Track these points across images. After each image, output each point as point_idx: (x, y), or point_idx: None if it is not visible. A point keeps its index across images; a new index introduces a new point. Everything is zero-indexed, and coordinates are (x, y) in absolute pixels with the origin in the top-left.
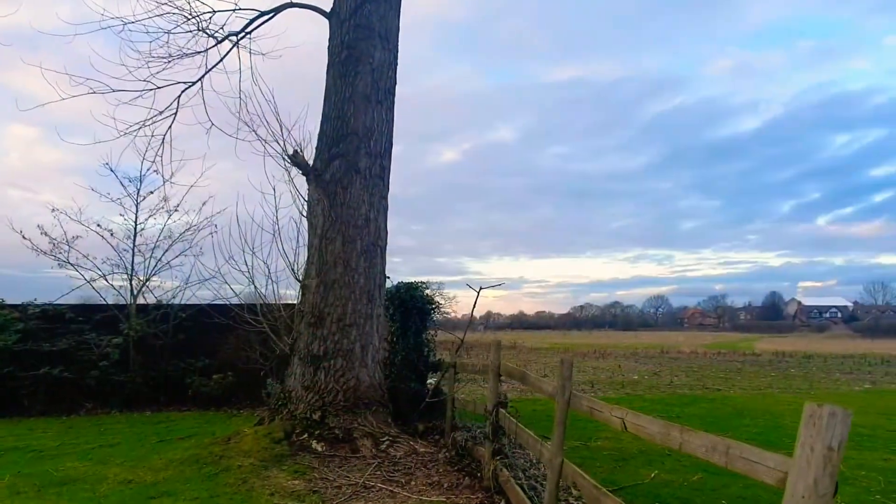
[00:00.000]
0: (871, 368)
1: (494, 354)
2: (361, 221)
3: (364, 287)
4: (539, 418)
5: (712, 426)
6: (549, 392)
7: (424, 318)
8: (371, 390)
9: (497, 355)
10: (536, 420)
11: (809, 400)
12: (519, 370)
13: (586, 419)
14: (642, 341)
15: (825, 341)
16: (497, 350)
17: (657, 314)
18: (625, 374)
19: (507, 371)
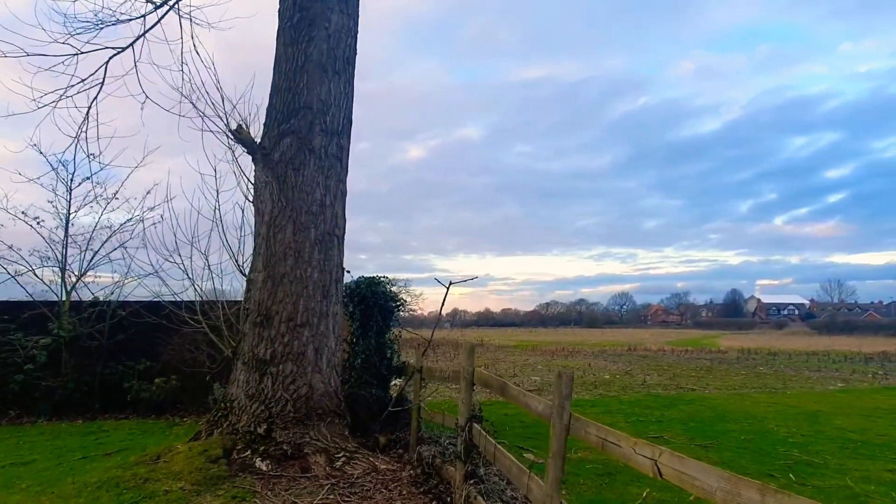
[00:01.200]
0: (837, 366)
1: (467, 359)
2: (316, 207)
3: (318, 281)
4: (511, 424)
5: (696, 432)
6: (539, 411)
7: (387, 316)
8: (325, 399)
9: (470, 361)
10: (509, 426)
11: (786, 400)
12: (498, 380)
13: None
14: (608, 339)
15: (785, 338)
16: (470, 355)
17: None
18: (596, 373)
19: (482, 380)
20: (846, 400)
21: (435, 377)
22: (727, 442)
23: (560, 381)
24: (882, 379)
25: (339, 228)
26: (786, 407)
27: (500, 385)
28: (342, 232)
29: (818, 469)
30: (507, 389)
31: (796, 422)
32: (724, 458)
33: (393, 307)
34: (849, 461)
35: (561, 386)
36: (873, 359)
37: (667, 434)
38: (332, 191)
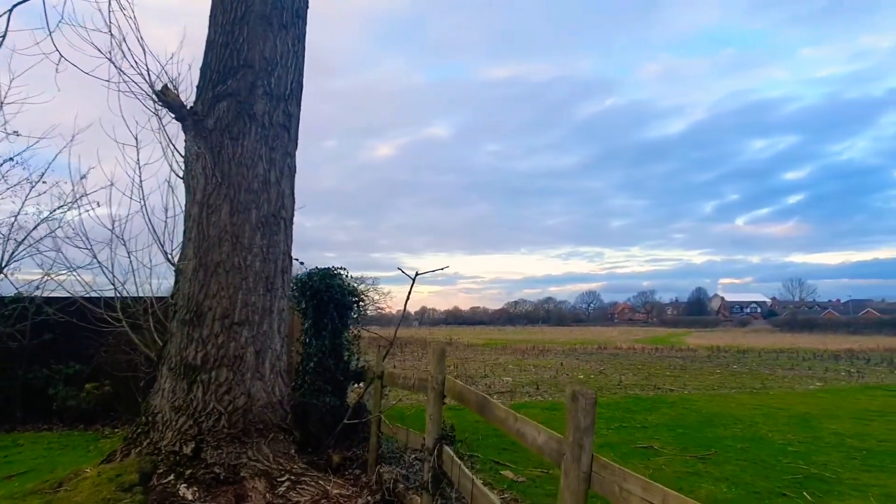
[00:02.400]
0: (808, 364)
1: (437, 365)
2: (258, 184)
3: (261, 272)
4: (484, 432)
5: (687, 439)
6: (539, 446)
7: (345, 313)
8: (268, 410)
9: (441, 367)
10: (482, 435)
11: (771, 402)
12: (476, 394)
13: None
14: (577, 337)
15: (748, 335)
16: (440, 360)
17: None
18: (569, 372)
19: (456, 393)
20: (831, 401)
21: (398, 384)
22: (723, 452)
23: (576, 407)
24: (857, 378)
25: (285, 210)
26: (773, 409)
27: (480, 401)
28: (290, 214)
29: (832, 485)
30: (490, 408)
31: (788, 426)
32: (727, 473)
33: (351, 302)
34: (862, 475)
35: (578, 414)
36: (841, 357)
37: (656, 443)
38: (277, 165)
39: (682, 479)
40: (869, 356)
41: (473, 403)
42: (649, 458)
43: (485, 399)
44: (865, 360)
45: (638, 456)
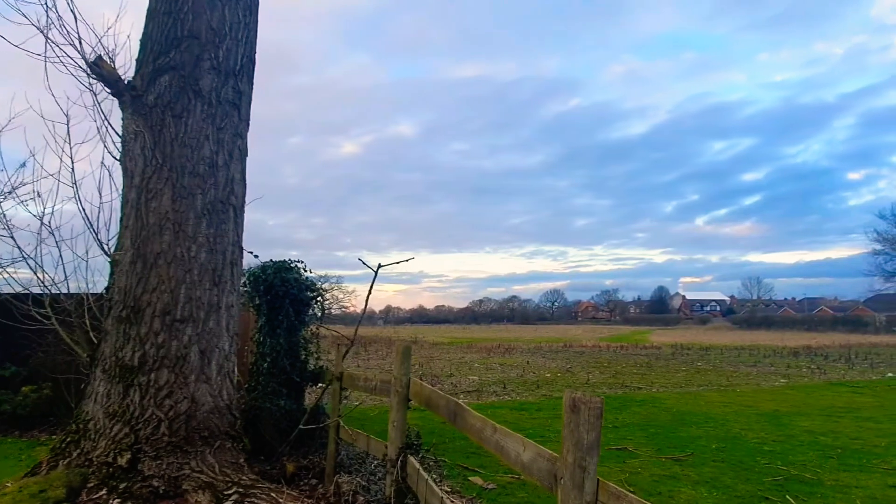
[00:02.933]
0: (770, 360)
1: (401, 366)
2: (203, 167)
3: (206, 264)
4: (450, 435)
5: (660, 440)
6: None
7: (302, 309)
8: (214, 416)
9: (405, 368)
10: (448, 437)
11: (740, 399)
12: (447, 399)
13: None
14: (542, 335)
15: (709, 333)
16: (405, 360)
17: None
18: (536, 371)
19: (424, 398)
20: (798, 398)
21: (358, 387)
22: (699, 452)
23: (577, 419)
24: (819, 374)
25: (235, 196)
26: (742, 407)
27: (451, 407)
28: (240, 202)
29: (814, 487)
30: (464, 416)
31: (760, 424)
32: (706, 476)
33: (309, 298)
34: (842, 474)
35: (580, 428)
36: (800, 353)
37: (629, 444)
38: (225, 147)
39: (659, 482)
40: (826, 353)
41: (444, 410)
42: (624, 461)
43: (457, 406)
44: (824, 357)
45: (612, 459)
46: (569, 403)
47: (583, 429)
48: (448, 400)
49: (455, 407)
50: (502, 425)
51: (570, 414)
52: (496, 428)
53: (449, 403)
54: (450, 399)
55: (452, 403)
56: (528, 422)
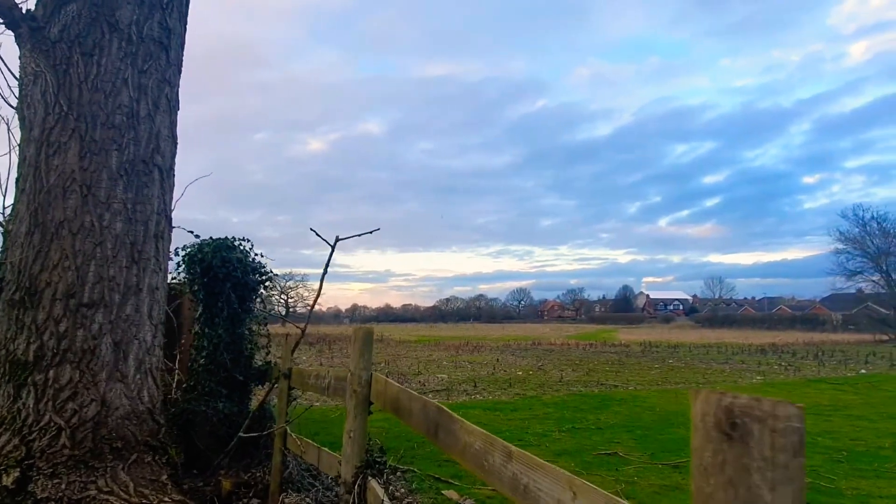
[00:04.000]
0: (740, 358)
1: (359, 358)
2: (121, 118)
3: (123, 236)
4: (419, 439)
5: (649, 442)
6: None
7: (247, 295)
8: (131, 422)
9: (365, 361)
10: (416, 442)
11: None
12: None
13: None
14: (510, 333)
15: (673, 331)
16: (365, 350)
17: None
18: (506, 369)
19: (390, 398)
20: (780, 395)
21: (309, 385)
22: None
23: (747, 452)
24: (793, 371)
25: (162, 156)
26: None
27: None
28: (169, 163)
29: (835, 498)
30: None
31: None
32: None
33: (256, 282)
34: (860, 482)
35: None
36: (766, 350)
37: (619, 448)
38: (149, 95)
39: (661, 494)
40: (793, 350)
41: (419, 418)
42: (617, 469)
43: (440, 413)
44: (792, 354)
45: (603, 466)
46: (720, 417)
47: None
48: (425, 404)
49: (437, 415)
50: (476, 425)
51: (722, 442)
52: (510, 453)
53: (427, 410)
54: (428, 403)
55: (433, 410)
56: (504, 423)
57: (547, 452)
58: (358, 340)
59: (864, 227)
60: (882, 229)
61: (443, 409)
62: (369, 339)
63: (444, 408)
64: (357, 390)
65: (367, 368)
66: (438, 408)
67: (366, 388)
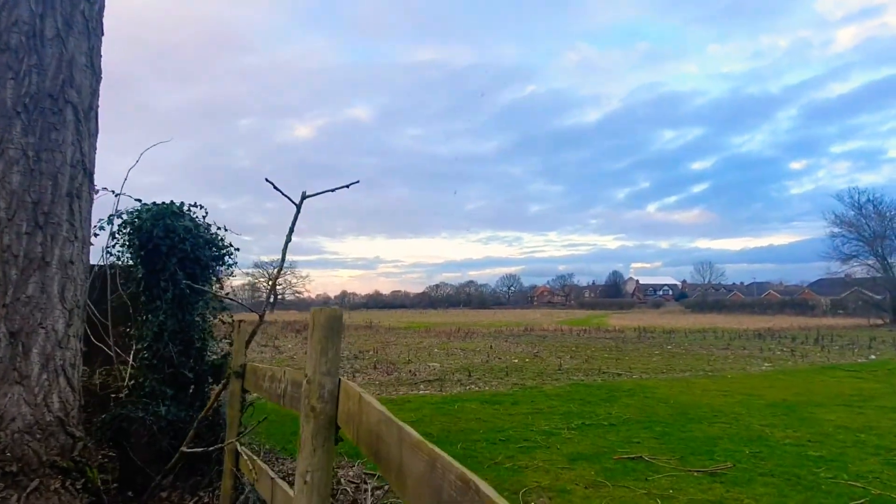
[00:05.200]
0: (740, 343)
1: (319, 357)
2: (18, 38)
3: (23, 193)
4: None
5: (674, 442)
6: None
7: (200, 274)
8: (33, 438)
9: (329, 360)
10: None
11: (736, 387)
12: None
13: None
14: (501, 319)
15: (664, 316)
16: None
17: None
18: (501, 356)
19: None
20: (797, 384)
21: (263, 389)
22: (733, 460)
23: None
24: (800, 358)
25: (77, 91)
26: (745, 396)
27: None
28: (88, 101)
29: None
30: None
31: (777, 418)
32: (764, 502)
33: (211, 259)
34: None
35: None
36: (763, 335)
37: (642, 451)
38: (59, 9)
39: None
40: (792, 335)
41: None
42: (647, 479)
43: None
44: (791, 339)
45: (629, 474)
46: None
47: None
48: (434, 462)
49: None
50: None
51: None
52: None
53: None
54: (440, 461)
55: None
56: (506, 419)
57: (559, 456)
58: (318, 328)
59: (859, 210)
60: (878, 212)
61: (471, 480)
62: (336, 328)
63: (473, 478)
64: (316, 407)
65: (333, 373)
66: (464, 477)
67: (330, 405)
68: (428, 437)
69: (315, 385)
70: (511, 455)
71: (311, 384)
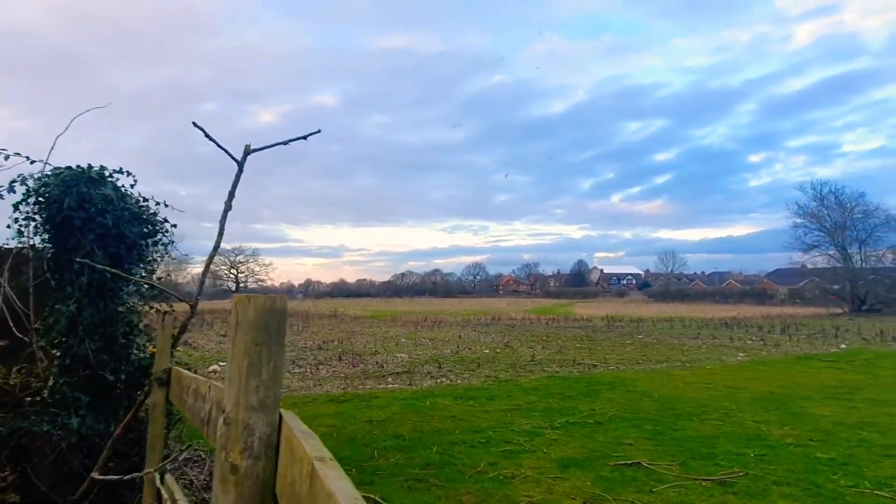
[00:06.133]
0: (710, 332)
1: (245, 379)
2: None
3: None
4: (387, 451)
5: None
6: None
7: (126, 253)
8: None
9: (262, 383)
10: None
11: (718, 379)
12: None
13: None
14: (467, 308)
15: (628, 305)
16: (264, 352)
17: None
18: (471, 346)
19: None
20: (777, 375)
21: (187, 406)
22: (739, 465)
23: None
24: (772, 347)
25: None
26: (729, 389)
27: None
28: None
29: None
30: None
31: (769, 413)
32: None
33: (139, 237)
34: None
35: None
36: (729, 324)
37: (635, 452)
38: None
39: None
40: (759, 324)
41: None
42: (651, 491)
43: None
44: (758, 328)
45: (629, 483)
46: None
47: None
48: None
49: None
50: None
51: None
52: None
53: None
54: None
55: None
56: (483, 417)
57: (547, 462)
58: (246, 329)
59: (821, 201)
60: (839, 203)
61: None
62: (275, 328)
63: None
64: (239, 467)
65: (270, 406)
66: None
67: (263, 463)
68: (399, 440)
69: (238, 427)
70: (494, 462)
71: (232, 425)
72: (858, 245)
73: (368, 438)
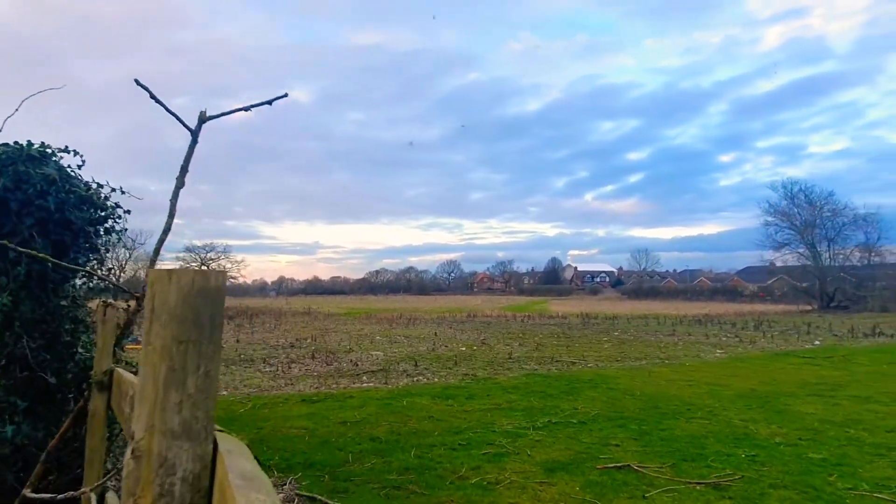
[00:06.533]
0: (685, 329)
1: (163, 388)
2: None
3: None
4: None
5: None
6: None
7: (70, 243)
8: None
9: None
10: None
11: (699, 376)
12: None
13: None
14: (442, 305)
15: (602, 302)
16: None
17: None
18: (447, 344)
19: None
20: (758, 372)
21: (125, 416)
22: (731, 467)
23: None
24: (748, 344)
25: None
26: (711, 386)
27: None
28: None
29: None
30: None
31: (753, 411)
32: None
33: (86, 222)
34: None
35: None
36: (703, 321)
37: (623, 454)
38: None
39: None
40: (732, 321)
41: None
42: (644, 496)
43: None
44: (732, 325)
45: (619, 489)
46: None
47: None
48: None
49: None
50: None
51: None
52: None
53: None
54: None
55: None
56: (462, 417)
57: (532, 466)
58: (165, 319)
59: (791, 199)
60: (809, 201)
61: None
62: (210, 321)
63: None
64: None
65: (199, 433)
66: None
67: None
68: (375, 442)
69: (151, 463)
70: (476, 466)
71: (143, 459)
72: (827, 243)
73: (342, 441)
